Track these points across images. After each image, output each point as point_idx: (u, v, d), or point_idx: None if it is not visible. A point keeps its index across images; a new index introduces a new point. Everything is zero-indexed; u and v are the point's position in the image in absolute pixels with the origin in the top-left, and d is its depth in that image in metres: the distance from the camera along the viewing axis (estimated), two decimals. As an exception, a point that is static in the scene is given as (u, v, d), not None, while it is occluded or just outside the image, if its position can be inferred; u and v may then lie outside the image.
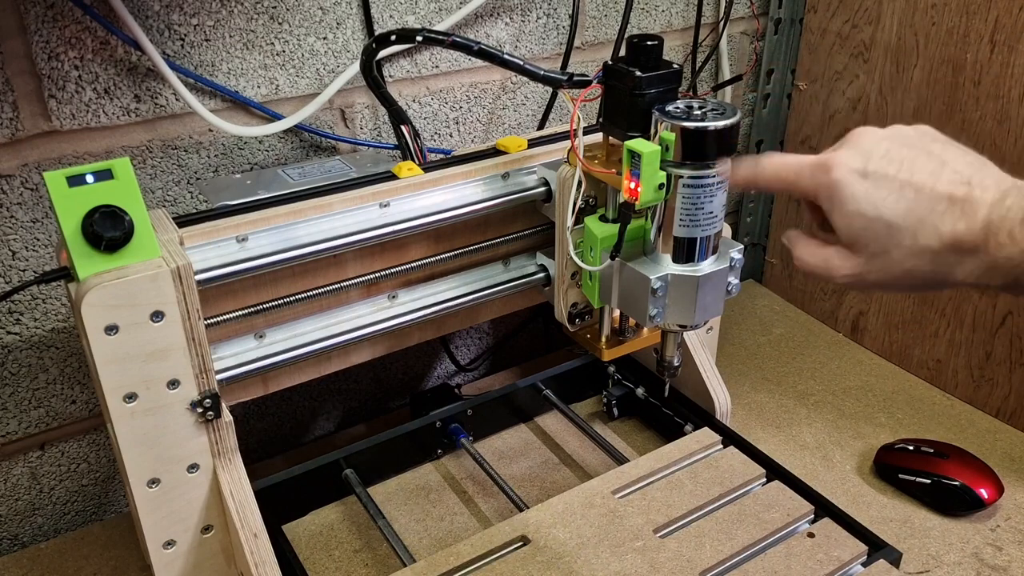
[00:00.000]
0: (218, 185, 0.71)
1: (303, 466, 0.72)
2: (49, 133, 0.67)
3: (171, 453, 0.58)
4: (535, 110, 0.93)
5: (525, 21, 0.88)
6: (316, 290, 0.67)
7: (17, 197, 0.67)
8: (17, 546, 0.77)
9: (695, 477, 0.68)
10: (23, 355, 0.71)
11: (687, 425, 0.78)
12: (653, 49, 0.61)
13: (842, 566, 0.61)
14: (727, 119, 0.58)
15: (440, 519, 0.74)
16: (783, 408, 0.88)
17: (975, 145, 0.45)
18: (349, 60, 0.79)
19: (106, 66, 0.68)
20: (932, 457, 0.75)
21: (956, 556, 0.69)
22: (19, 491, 0.76)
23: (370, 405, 0.95)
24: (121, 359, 0.53)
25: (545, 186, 0.72)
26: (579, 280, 0.71)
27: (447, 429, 0.79)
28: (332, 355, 0.70)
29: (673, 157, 0.58)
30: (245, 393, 0.67)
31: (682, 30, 1.01)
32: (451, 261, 0.73)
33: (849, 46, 0.95)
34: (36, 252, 0.70)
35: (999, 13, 0.79)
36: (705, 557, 0.61)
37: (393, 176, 0.69)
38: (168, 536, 0.60)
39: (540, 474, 0.79)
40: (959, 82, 0.84)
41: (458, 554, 0.61)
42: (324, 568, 0.69)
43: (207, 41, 0.71)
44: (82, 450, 0.77)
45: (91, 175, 0.52)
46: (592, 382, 0.88)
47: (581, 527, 0.63)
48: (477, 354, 1.01)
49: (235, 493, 0.60)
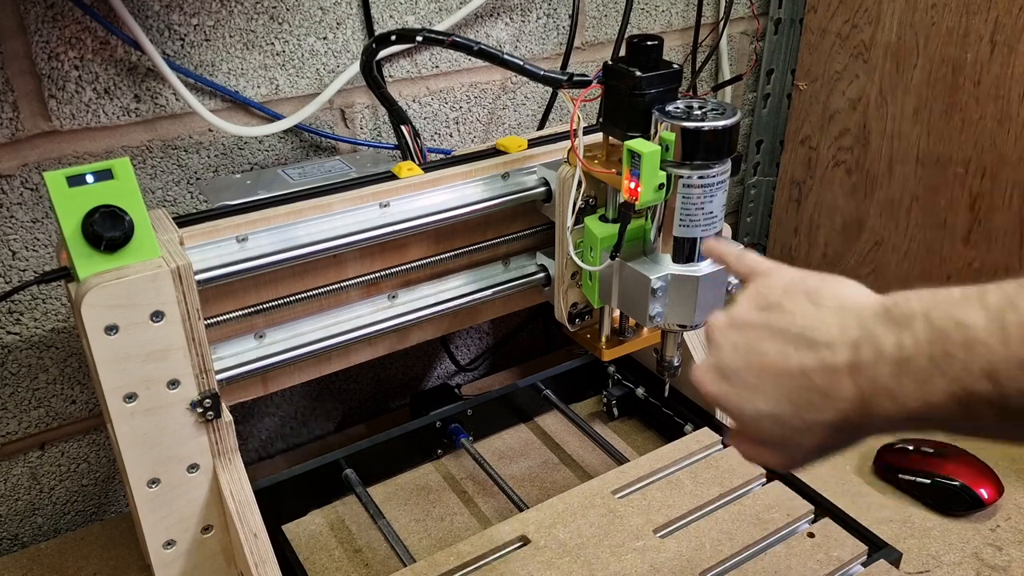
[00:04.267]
0: (218, 185, 0.71)
1: (303, 466, 0.72)
2: (49, 133, 0.67)
3: (171, 453, 0.58)
4: (535, 110, 0.93)
5: (525, 21, 0.88)
6: (316, 290, 0.67)
7: (17, 197, 0.67)
8: (17, 546, 0.77)
9: (695, 477, 0.68)
10: (23, 355, 0.71)
11: (687, 425, 0.78)
12: (653, 49, 0.61)
13: (842, 566, 0.61)
14: (727, 119, 0.58)
15: (440, 519, 0.74)
16: (783, 408, 0.88)
17: (975, 145, 0.44)
18: (349, 60, 0.79)
19: (106, 66, 0.68)
20: (932, 457, 0.75)
21: (956, 556, 0.69)
22: (19, 491, 0.76)
23: (370, 405, 0.95)
24: (121, 359, 0.53)
25: (545, 186, 0.72)
26: (579, 280, 0.71)
27: (447, 429, 0.79)
28: (332, 355, 0.70)
29: (673, 157, 0.58)
30: (245, 393, 0.67)
31: (682, 30, 1.01)
32: (451, 261, 0.73)
33: (849, 46, 0.95)
34: (36, 252, 0.70)
35: (999, 13, 0.79)
36: (705, 557, 0.60)
37: (393, 176, 0.69)
38: (168, 536, 0.60)
39: (540, 474, 0.78)
40: (959, 82, 0.84)
41: (458, 554, 0.61)
42: (324, 568, 0.69)
43: (207, 41, 0.71)
44: (82, 450, 0.77)
45: (91, 175, 0.52)
46: (592, 382, 0.88)
47: (581, 527, 0.63)
48: (477, 354, 1.01)
49: (235, 493, 0.60)
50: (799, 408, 0.39)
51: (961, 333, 0.33)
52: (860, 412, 0.37)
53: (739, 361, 0.41)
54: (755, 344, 0.41)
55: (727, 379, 0.42)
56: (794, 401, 0.39)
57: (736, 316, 0.43)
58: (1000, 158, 0.82)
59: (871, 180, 0.98)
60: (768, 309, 0.41)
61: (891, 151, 0.94)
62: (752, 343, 0.41)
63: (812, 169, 1.05)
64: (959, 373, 0.33)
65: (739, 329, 0.42)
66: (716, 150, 0.58)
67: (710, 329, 0.44)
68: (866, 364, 0.36)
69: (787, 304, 0.41)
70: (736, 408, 0.41)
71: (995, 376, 0.32)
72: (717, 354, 0.43)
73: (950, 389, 0.33)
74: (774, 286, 0.42)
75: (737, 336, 0.42)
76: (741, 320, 0.42)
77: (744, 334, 0.41)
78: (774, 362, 0.40)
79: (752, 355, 0.41)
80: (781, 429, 0.40)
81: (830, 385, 0.37)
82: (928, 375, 0.34)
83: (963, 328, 0.33)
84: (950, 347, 0.33)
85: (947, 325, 0.34)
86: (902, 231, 0.96)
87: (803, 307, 0.40)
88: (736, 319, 0.42)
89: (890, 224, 0.97)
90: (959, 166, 0.86)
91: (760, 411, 0.40)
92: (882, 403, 0.36)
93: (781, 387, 0.39)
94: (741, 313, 0.42)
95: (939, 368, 0.34)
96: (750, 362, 0.41)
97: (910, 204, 0.94)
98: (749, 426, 0.42)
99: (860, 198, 1.00)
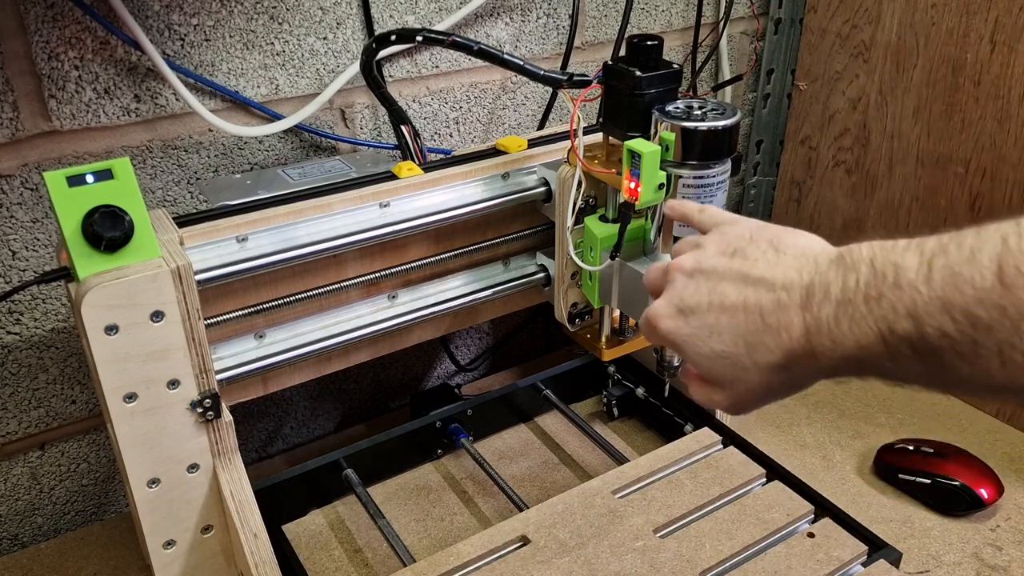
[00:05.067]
0: (218, 185, 0.71)
1: (303, 466, 0.72)
2: (49, 133, 0.67)
3: (171, 453, 0.58)
4: (535, 110, 0.93)
5: (525, 21, 0.88)
6: (316, 290, 0.67)
7: (17, 197, 0.67)
8: (17, 546, 0.77)
9: (695, 477, 0.68)
10: (23, 355, 0.71)
11: (687, 425, 0.78)
12: (653, 49, 0.61)
13: (842, 566, 0.61)
14: (727, 119, 0.58)
15: (440, 519, 0.74)
16: (783, 408, 0.88)
17: (975, 145, 0.45)
18: (349, 60, 0.79)
19: (106, 66, 0.68)
20: (932, 457, 0.75)
21: (956, 556, 0.69)
22: (19, 491, 0.76)
23: (370, 405, 0.94)
24: (121, 359, 0.53)
25: (545, 186, 0.72)
26: (579, 280, 0.71)
27: (447, 429, 0.79)
28: (332, 355, 0.70)
29: (673, 157, 0.58)
30: (245, 393, 0.67)
31: (682, 30, 1.01)
32: (451, 261, 0.73)
33: (849, 46, 0.95)
34: (36, 252, 0.70)
35: (999, 13, 0.79)
36: (705, 557, 0.60)
37: (393, 176, 0.69)
38: (168, 536, 0.60)
39: (540, 474, 0.78)
40: (959, 82, 0.84)
41: (458, 554, 0.61)
42: (324, 568, 0.69)
43: (207, 41, 0.71)
44: (82, 450, 0.77)
45: (91, 175, 0.52)
46: (592, 382, 0.88)
47: (581, 527, 0.63)
48: (477, 354, 1.01)
49: (235, 493, 0.60)
50: (751, 348, 0.41)
51: (894, 275, 0.35)
52: (804, 350, 0.39)
53: (701, 302, 0.43)
54: (717, 286, 0.43)
55: (685, 318, 0.44)
56: (748, 341, 0.41)
57: (702, 260, 0.45)
58: (1000, 158, 0.82)
59: (871, 180, 0.98)
60: (732, 255, 0.44)
61: (891, 151, 0.94)
62: (715, 286, 0.43)
63: (812, 169, 1.05)
64: (887, 313, 0.35)
65: (704, 272, 0.44)
66: (716, 150, 0.58)
67: (673, 270, 0.46)
68: (814, 304, 0.39)
69: (751, 251, 0.43)
70: (692, 346, 0.44)
71: (916, 315, 0.34)
72: (679, 294, 0.45)
73: (877, 328, 0.35)
74: (740, 235, 0.45)
75: (701, 278, 0.44)
76: (707, 264, 0.44)
77: (708, 277, 0.44)
78: (733, 303, 0.42)
79: (714, 296, 0.43)
80: (731, 369, 0.42)
81: (781, 324, 0.40)
82: (862, 316, 0.36)
83: (897, 270, 0.35)
84: (884, 288, 0.35)
85: (886, 268, 0.36)
86: (902, 231, 0.95)
87: (766, 254, 0.42)
88: (702, 263, 0.45)
89: (890, 224, 0.97)
90: (959, 166, 0.86)
91: (715, 350, 0.43)
92: (823, 342, 0.38)
93: (737, 327, 0.42)
94: (707, 258, 0.45)
95: (871, 309, 0.36)
96: (711, 302, 0.43)
97: (910, 204, 0.94)
98: (701, 365, 0.44)
99: (860, 198, 1.00)
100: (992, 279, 0.32)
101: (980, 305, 0.32)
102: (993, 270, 0.32)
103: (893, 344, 0.35)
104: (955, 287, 0.33)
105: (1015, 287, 0.31)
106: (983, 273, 0.32)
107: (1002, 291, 0.31)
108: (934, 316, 0.33)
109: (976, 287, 0.32)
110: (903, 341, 0.35)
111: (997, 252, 0.32)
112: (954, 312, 0.33)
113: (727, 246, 0.45)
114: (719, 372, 0.43)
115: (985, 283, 0.32)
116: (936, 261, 0.34)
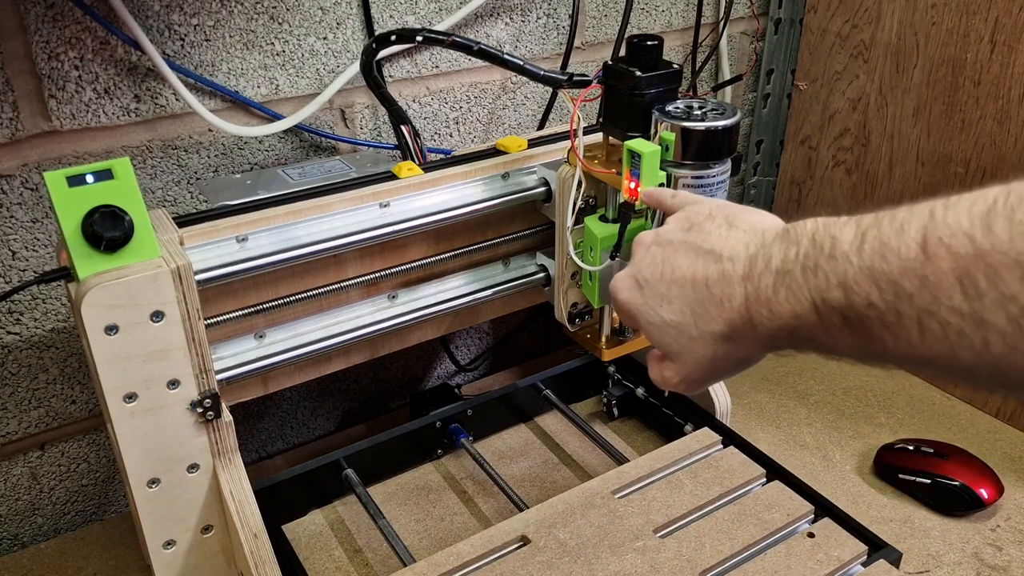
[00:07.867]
0: (218, 185, 0.71)
1: (303, 466, 0.72)
2: (49, 133, 0.67)
3: (171, 453, 0.58)
4: (535, 110, 0.93)
5: (525, 21, 0.88)
6: (316, 290, 0.67)
7: (17, 197, 0.67)
8: (17, 546, 0.77)
9: (695, 477, 0.68)
10: (23, 355, 0.71)
11: (687, 425, 0.78)
12: (653, 49, 0.61)
13: (842, 566, 0.61)
14: (727, 119, 0.58)
15: (440, 519, 0.74)
16: (783, 408, 0.88)
17: (975, 145, 0.45)
18: (349, 60, 0.79)
19: (106, 66, 0.68)
20: (932, 457, 0.75)
21: (956, 556, 0.69)
22: (19, 491, 0.76)
23: (370, 405, 0.95)
24: (121, 359, 0.53)
25: (545, 186, 0.72)
26: (579, 280, 0.71)
27: (447, 429, 0.79)
28: (332, 355, 0.70)
29: (673, 157, 0.58)
30: (245, 393, 0.67)
31: (682, 30, 1.01)
32: (451, 261, 0.73)
33: (849, 46, 0.95)
34: (36, 252, 0.70)
35: (999, 13, 0.79)
36: (705, 557, 0.60)
37: (393, 176, 0.69)
38: (168, 536, 0.60)
39: (540, 474, 0.78)
40: (959, 82, 0.84)
41: (458, 554, 0.61)
42: (324, 568, 0.69)
43: (207, 41, 0.71)
44: (82, 450, 0.77)
45: (91, 175, 0.52)
46: (592, 382, 0.88)
47: (581, 527, 0.63)
48: (477, 354, 1.01)
49: (235, 493, 0.60)
50: (697, 317, 0.43)
51: (831, 247, 0.36)
52: (744, 320, 0.40)
53: (655, 273, 0.45)
54: (671, 258, 0.45)
55: (640, 289, 0.46)
56: (695, 310, 0.43)
57: (661, 234, 0.47)
58: (1000, 158, 0.82)
59: (871, 180, 0.98)
60: (689, 230, 0.46)
61: (891, 151, 0.94)
62: (668, 257, 0.45)
63: (812, 169, 1.05)
64: (820, 283, 0.36)
65: (661, 245, 0.46)
66: (716, 150, 0.58)
67: (636, 244, 0.48)
68: (755, 274, 0.40)
69: (707, 226, 0.45)
70: (644, 316, 0.46)
71: (846, 285, 0.35)
72: (638, 266, 0.47)
73: (811, 297, 0.36)
74: (699, 211, 0.47)
75: (657, 251, 0.46)
76: (665, 238, 0.46)
77: (664, 249, 0.46)
78: (683, 274, 0.44)
79: (666, 267, 0.45)
80: (679, 339, 0.44)
81: (724, 293, 0.41)
82: (799, 286, 0.37)
83: (834, 242, 0.36)
84: (820, 259, 0.36)
85: (824, 240, 0.37)
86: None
87: (719, 228, 0.44)
88: (661, 236, 0.47)
89: (890, 224, 0.97)
90: (959, 166, 0.86)
91: (664, 320, 0.44)
92: (761, 311, 0.39)
93: (685, 297, 0.43)
94: (666, 232, 0.47)
95: (807, 280, 0.37)
96: (663, 273, 0.45)
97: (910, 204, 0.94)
98: (653, 335, 0.46)
99: (860, 198, 1.00)
100: (916, 250, 0.32)
101: (904, 275, 0.33)
102: (919, 240, 0.32)
103: (825, 314, 0.36)
104: (882, 257, 0.33)
105: (936, 257, 0.32)
106: (908, 244, 0.33)
107: (924, 261, 0.32)
108: (862, 286, 0.34)
109: (901, 257, 0.33)
110: (834, 311, 0.36)
111: (924, 224, 0.33)
112: (880, 282, 0.33)
113: (686, 221, 0.46)
114: (669, 342, 0.45)
115: (910, 253, 0.33)
116: (869, 233, 0.35)
